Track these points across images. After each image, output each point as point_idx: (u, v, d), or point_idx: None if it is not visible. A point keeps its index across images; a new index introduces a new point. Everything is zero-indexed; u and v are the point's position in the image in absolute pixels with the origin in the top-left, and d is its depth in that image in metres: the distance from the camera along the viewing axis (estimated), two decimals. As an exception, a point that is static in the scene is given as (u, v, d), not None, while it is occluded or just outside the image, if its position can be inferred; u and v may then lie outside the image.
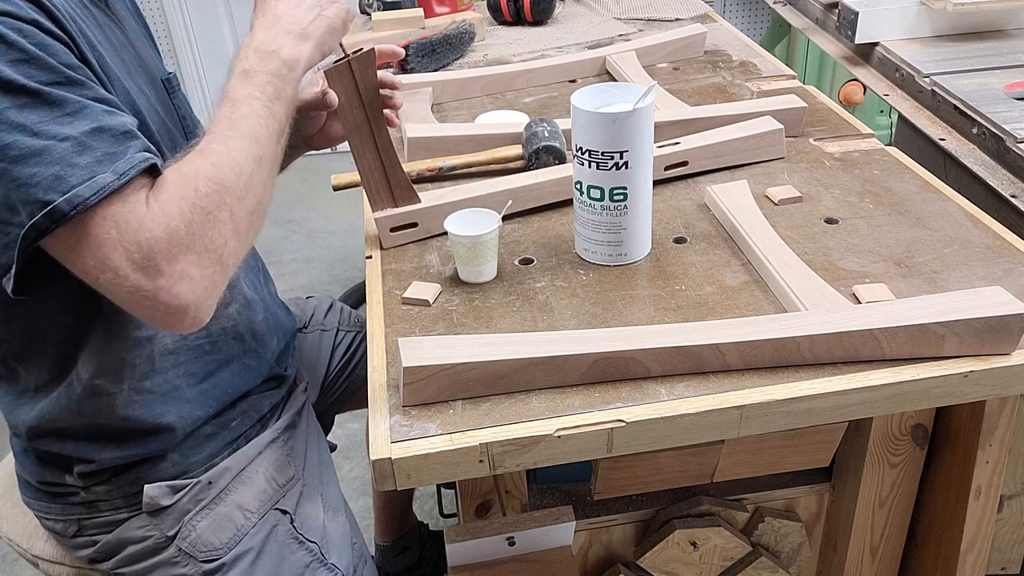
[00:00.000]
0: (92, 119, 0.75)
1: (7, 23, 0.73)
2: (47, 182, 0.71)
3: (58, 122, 0.73)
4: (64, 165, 0.72)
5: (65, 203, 0.71)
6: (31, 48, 0.73)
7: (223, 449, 1.02)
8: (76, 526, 1.01)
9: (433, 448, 0.79)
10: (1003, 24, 1.65)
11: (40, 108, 0.73)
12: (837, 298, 0.93)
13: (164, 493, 0.98)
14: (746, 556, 1.10)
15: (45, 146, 0.72)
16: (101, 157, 0.73)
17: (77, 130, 0.73)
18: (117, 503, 0.99)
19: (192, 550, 0.99)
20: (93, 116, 0.75)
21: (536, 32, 1.87)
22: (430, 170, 1.25)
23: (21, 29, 0.73)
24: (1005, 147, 1.28)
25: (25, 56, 0.73)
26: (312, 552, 1.06)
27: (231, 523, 1.01)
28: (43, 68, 0.74)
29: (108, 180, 0.73)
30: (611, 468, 1.02)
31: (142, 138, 0.78)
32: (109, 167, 0.73)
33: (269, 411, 1.08)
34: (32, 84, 0.73)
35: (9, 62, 0.72)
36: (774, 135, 1.24)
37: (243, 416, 1.04)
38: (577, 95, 0.99)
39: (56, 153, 0.72)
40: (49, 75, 0.74)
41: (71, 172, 0.72)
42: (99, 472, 0.97)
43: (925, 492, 1.11)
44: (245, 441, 1.04)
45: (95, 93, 0.77)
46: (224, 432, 1.02)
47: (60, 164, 0.72)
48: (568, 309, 0.97)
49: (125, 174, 0.74)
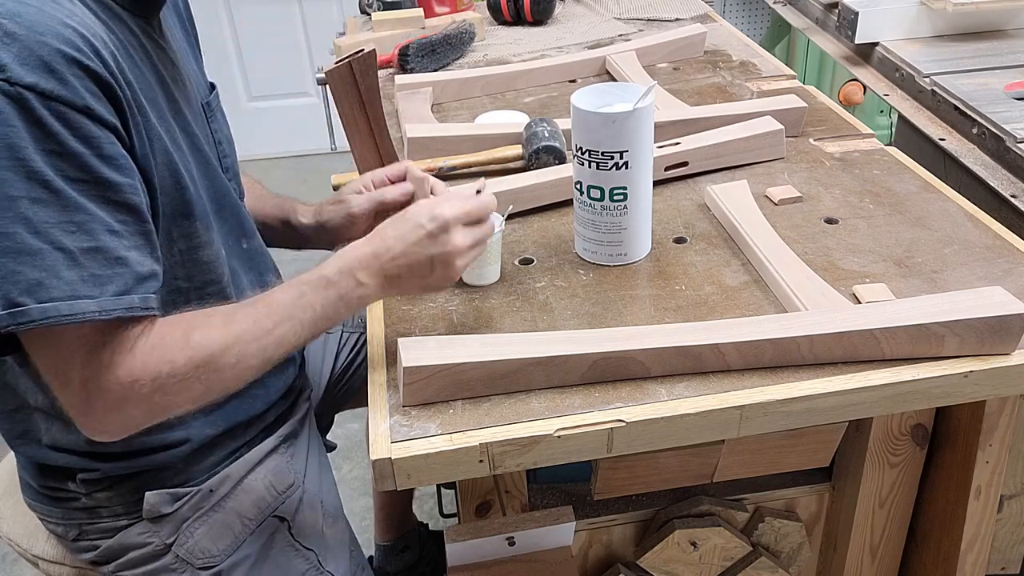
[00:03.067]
0: (94, 237, 0.73)
1: (55, 110, 0.71)
2: (27, 284, 0.71)
3: (62, 228, 0.72)
4: (50, 275, 0.71)
5: (38, 311, 0.71)
6: (71, 142, 0.72)
7: (226, 458, 1.02)
8: (77, 530, 1.01)
9: (433, 448, 0.79)
10: (1003, 24, 1.65)
11: (52, 208, 0.72)
12: (837, 298, 0.93)
13: (165, 501, 0.97)
14: (746, 556, 1.10)
15: (39, 249, 0.71)
16: (87, 277, 0.73)
17: (75, 244, 0.72)
18: (117, 510, 0.98)
19: (189, 557, 0.99)
20: (96, 234, 0.74)
21: (536, 32, 1.87)
22: (430, 170, 1.25)
23: (67, 119, 0.72)
24: (1005, 147, 1.28)
25: (61, 149, 0.71)
26: (309, 560, 1.06)
27: (229, 530, 1.00)
28: (75, 165, 0.72)
29: (89, 308, 0.72)
30: (611, 468, 1.02)
31: (132, 268, 0.76)
32: (95, 290, 0.73)
33: (274, 420, 1.08)
34: (57, 181, 0.71)
35: (44, 151, 0.71)
36: (774, 135, 1.24)
37: (248, 427, 1.04)
38: (577, 95, 0.99)
39: (47, 261, 0.71)
40: (78, 172, 0.73)
41: (54, 284, 0.71)
42: (102, 480, 0.96)
43: (925, 492, 1.11)
44: (248, 449, 1.04)
45: (118, 195, 0.76)
46: (229, 442, 1.02)
47: (47, 272, 0.71)
48: (568, 309, 0.97)
49: (108, 311, 0.73)
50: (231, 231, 0.99)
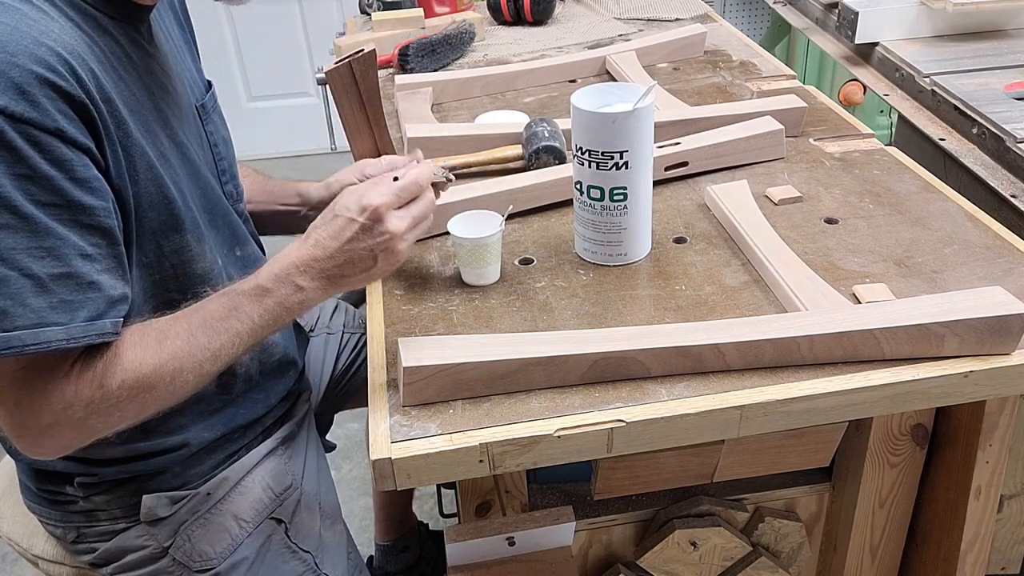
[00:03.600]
0: (65, 262, 0.72)
1: (26, 133, 0.70)
2: None
3: (30, 254, 0.71)
4: (16, 303, 0.70)
5: (1, 341, 0.70)
6: (42, 165, 0.70)
7: (224, 461, 1.02)
8: (76, 533, 1.01)
9: (433, 448, 0.79)
10: (1003, 24, 1.65)
11: (20, 234, 0.70)
12: (837, 298, 0.93)
13: (163, 504, 0.97)
14: (746, 556, 1.10)
15: (6, 276, 0.70)
16: (56, 304, 0.72)
17: (44, 270, 0.71)
18: (116, 513, 0.98)
19: (187, 560, 0.99)
20: (67, 259, 0.72)
21: (536, 32, 1.87)
22: (430, 170, 1.25)
23: (39, 141, 0.70)
24: (1005, 147, 1.28)
25: (32, 173, 0.70)
26: (306, 562, 1.06)
27: (226, 533, 1.00)
28: (46, 188, 0.71)
29: (56, 336, 0.71)
30: (611, 468, 1.02)
31: (104, 292, 0.75)
32: (62, 316, 0.72)
33: (273, 423, 1.08)
34: (26, 206, 0.70)
35: (14, 176, 0.70)
36: (774, 135, 1.24)
37: (246, 430, 1.04)
38: (577, 95, 0.99)
39: (13, 288, 0.70)
40: (49, 196, 0.71)
41: (19, 313, 0.70)
42: (99, 483, 0.96)
43: (925, 492, 1.11)
44: (246, 451, 1.04)
45: (91, 218, 0.74)
46: (227, 445, 1.02)
47: (13, 300, 0.70)
48: (568, 309, 0.97)
49: (75, 339, 0.72)
50: (224, 240, 0.98)
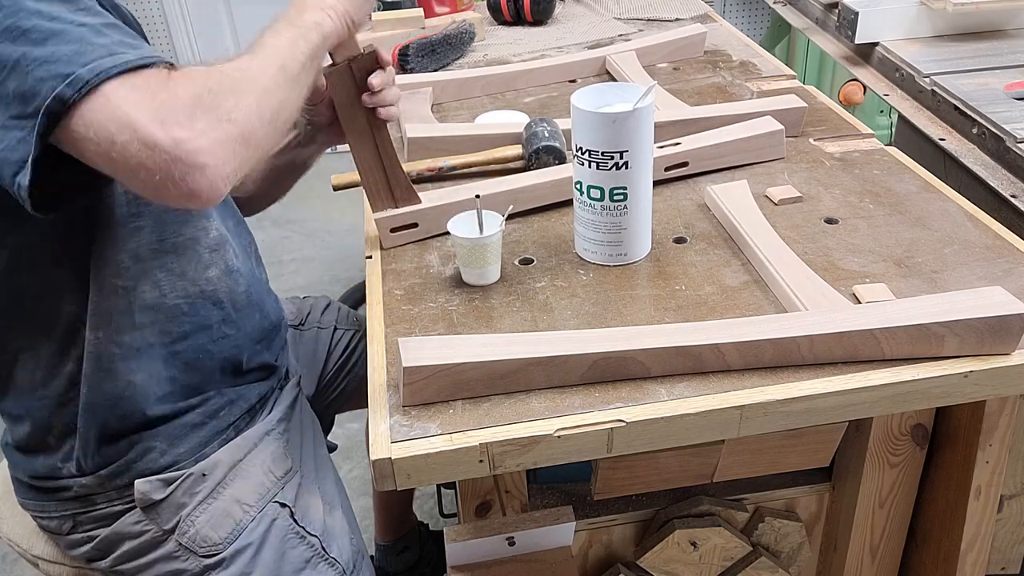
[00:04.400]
0: (104, 18, 0.78)
1: None
2: (68, 56, 0.72)
3: (75, 13, 0.76)
4: (84, 43, 0.74)
5: (87, 72, 0.71)
6: None
7: (212, 439, 1.02)
8: (71, 522, 1.00)
9: (433, 448, 0.79)
10: (1003, 24, 1.65)
11: (56, 2, 0.75)
12: (837, 298, 0.93)
13: (155, 487, 0.97)
14: (746, 556, 1.10)
15: (64, 28, 0.74)
16: (117, 41, 0.75)
17: (94, 21, 0.76)
18: (111, 495, 0.99)
19: (192, 545, 0.99)
20: (105, 16, 0.78)
21: (536, 32, 1.87)
22: (430, 170, 1.25)
23: None
24: (1005, 147, 1.28)
25: None
26: (313, 546, 1.06)
27: (230, 518, 1.01)
28: None
29: (130, 57, 0.74)
30: (611, 468, 1.02)
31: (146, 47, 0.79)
32: (127, 49, 0.75)
33: (258, 402, 1.07)
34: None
35: None
36: (774, 135, 1.24)
37: (231, 405, 1.03)
38: (577, 95, 0.99)
39: (75, 34, 0.74)
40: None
41: (91, 48, 0.73)
42: (87, 456, 0.96)
43: (925, 492, 1.11)
44: (235, 432, 1.03)
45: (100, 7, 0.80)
46: (212, 421, 1.01)
47: (80, 43, 0.73)
48: (568, 309, 0.97)
49: (146, 58, 0.75)
50: None
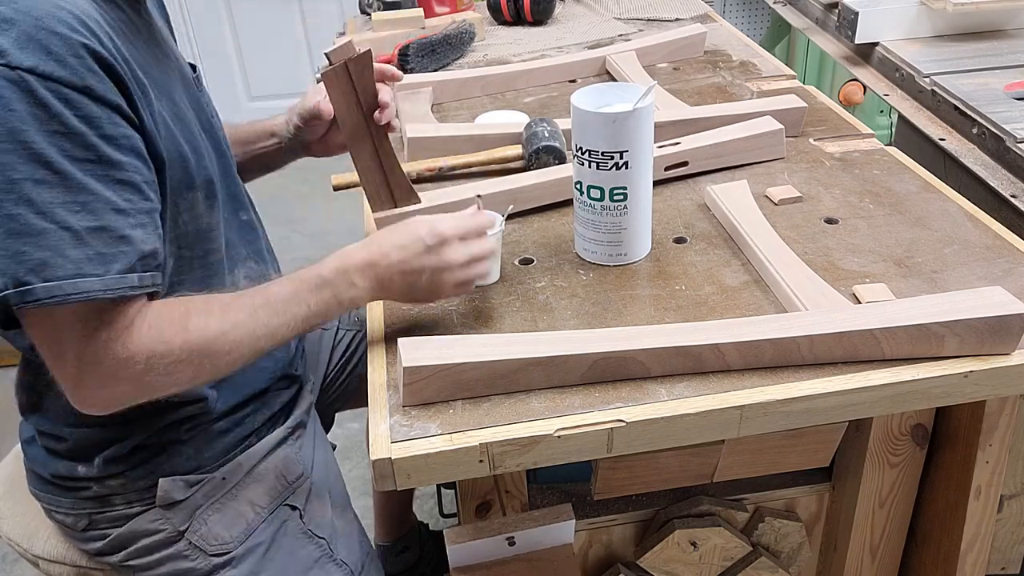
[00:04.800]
0: (98, 216, 0.75)
1: (55, 91, 0.72)
2: (32, 264, 0.72)
3: (67, 208, 0.73)
4: (55, 254, 0.73)
5: (43, 290, 0.72)
6: (73, 122, 0.73)
7: (236, 445, 1.03)
8: (87, 520, 1.01)
9: (433, 448, 0.79)
10: (1003, 24, 1.65)
11: (56, 189, 0.73)
12: (837, 298, 0.93)
13: (179, 487, 0.99)
14: (746, 556, 1.10)
15: (44, 230, 0.72)
16: (92, 256, 0.74)
17: (81, 223, 0.74)
18: (131, 497, 0.99)
19: (202, 543, 1.00)
20: (100, 213, 0.75)
21: (536, 32, 1.87)
22: (430, 170, 1.25)
23: (68, 99, 0.73)
24: (1005, 147, 1.28)
25: (64, 129, 0.73)
26: (321, 547, 1.07)
27: (242, 518, 1.02)
28: (78, 144, 0.74)
29: (94, 287, 0.74)
30: (611, 468, 1.02)
31: (135, 246, 0.77)
32: (99, 268, 0.74)
33: (280, 409, 1.09)
34: (61, 161, 0.73)
35: (47, 132, 0.72)
36: (774, 135, 1.24)
37: (255, 414, 1.05)
38: (577, 95, 0.99)
39: (52, 241, 0.73)
40: (82, 152, 0.74)
41: (59, 264, 0.73)
42: (119, 459, 0.97)
43: (925, 492, 1.11)
44: (257, 438, 1.05)
45: (122, 174, 0.77)
46: (237, 429, 1.03)
47: (52, 252, 0.73)
48: (568, 309, 0.97)
49: (112, 290, 0.75)
50: (227, 203, 1.01)
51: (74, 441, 0.97)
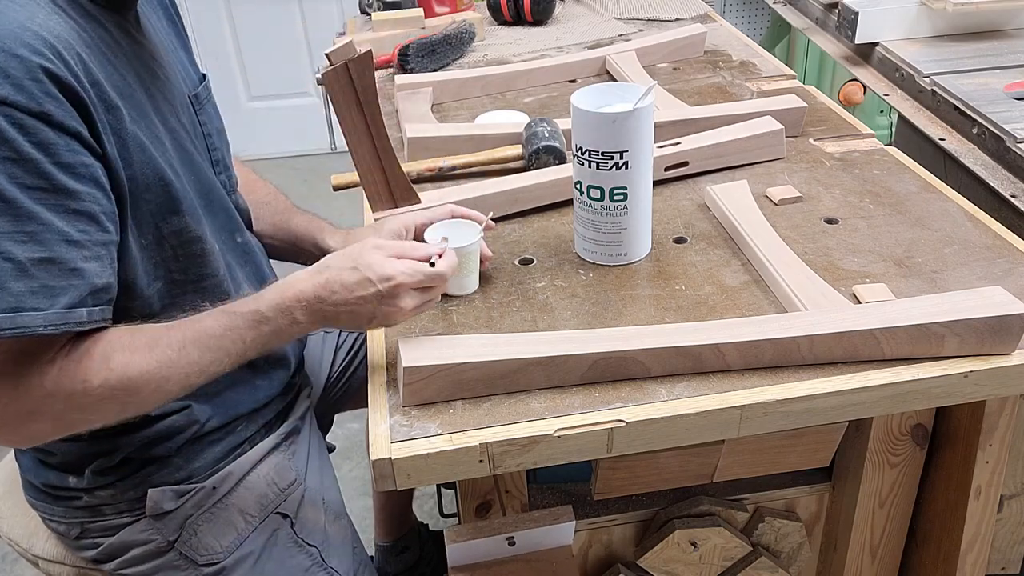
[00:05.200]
0: (47, 247, 0.72)
1: (9, 116, 0.69)
2: None
3: (12, 238, 0.70)
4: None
5: None
6: (26, 148, 0.70)
7: (228, 454, 1.02)
8: (79, 529, 1.01)
9: (433, 448, 0.79)
10: (1003, 24, 1.65)
11: (3, 217, 0.70)
12: (837, 298, 0.93)
13: (168, 497, 0.98)
14: (746, 556, 1.10)
15: None
16: (36, 289, 0.71)
17: (26, 254, 0.71)
18: (121, 507, 0.99)
19: (193, 554, 0.99)
20: (50, 244, 0.72)
21: (536, 32, 1.87)
22: (430, 170, 1.25)
23: (23, 125, 0.70)
24: (1005, 147, 1.28)
25: (16, 156, 0.70)
26: (312, 556, 1.06)
27: (232, 527, 1.01)
28: (30, 172, 0.71)
29: (34, 322, 0.71)
30: (611, 468, 1.02)
31: (88, 279, 0.75)
32: (42, 302, 0.71)
33: (275, 416, 1.08)
34: (9, 189, 0.70)
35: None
36: (774, 135, 1.24)
37: (248, 423, 1.04)
38: (577, 95, 0.99)
39: None
40: (34, 180, 0.71)
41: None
42: (108, 471, 0.96)
43: (925, 492, 1.11)
44: (250, 446, 1.04)
45: (77, 203, 0.74)
46: (229, 438, 1.02)
47: None
48: (568, 309, 0.97)
49: (54, 325, 0.72)
50: (223, 226, 0.99)
51: (62, 455, 0.97)
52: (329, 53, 0.98)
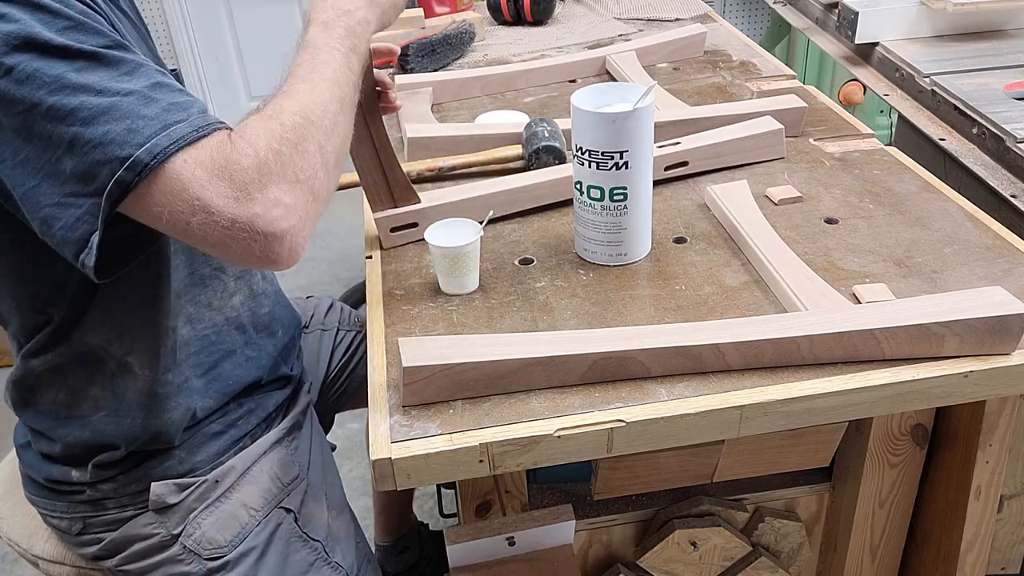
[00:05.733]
0: (149, 76, 0.75)
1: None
2: (122, 137, 0.71)
3: (118, 80, 0.74)
4: (135, 118, 0.72)
5: (145, 153, 0.71)
6: (77, 15, 0.74)
7: (229, 447, 1.02)
8: (81, 524, 1.01)
9: (433, 448, 0.79)
10: (1003, 24, 1.65)
11: (99, 69, 0.73)
12: (837, 298, 0.93)
13: (171, 491, 0.98)
14: (746, 556, 1.10)
15: (112, 103, 0.72)
16: (167, 107, 0.74)
17: (139, 84, 0.74)
18: (123, 501, 0.99)
19: (197, 548, 1.00)
20: (149, 73, 0.76)
21: (536, 32, 1.87)
22: (430, 170, 1.25)
23: (65, 1, 0.74)
24: (1005, 147, 1.28)
25: (73, 23, 0.74)
26: (316, 550, 1.07)
27: (235, 521, 1.01)
28: (93, 33, 0.75)
29: (185, 131, 0.73)
30: (611, 468, 1.02)
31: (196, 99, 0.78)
32: (180, 115, 0.74)
33: (275, 410, 1.08)
34: (87, 47, 0.73)
35: (60, 30, 0.73)
36: (774, 135, 1.24)
37: (249, 415, 1.04)
38: (577, 95, 0.99)
39: (124, 108, 0.72)
40: (100, 39, 0.75)
41: (143, 124, 0.72)
42: (110, 464, 0.97)
43: (925, 492, 1.11)
44: (251, 440, 1.04)
45: (142, 59, 0.77)
46: (231, 431, 1.03)
47: (131, 118, 0.72)
48: (568, 309, 0.97)
49: (201, 129, 0.74)
50: None
51: (64, 446, 0.97)
52: None
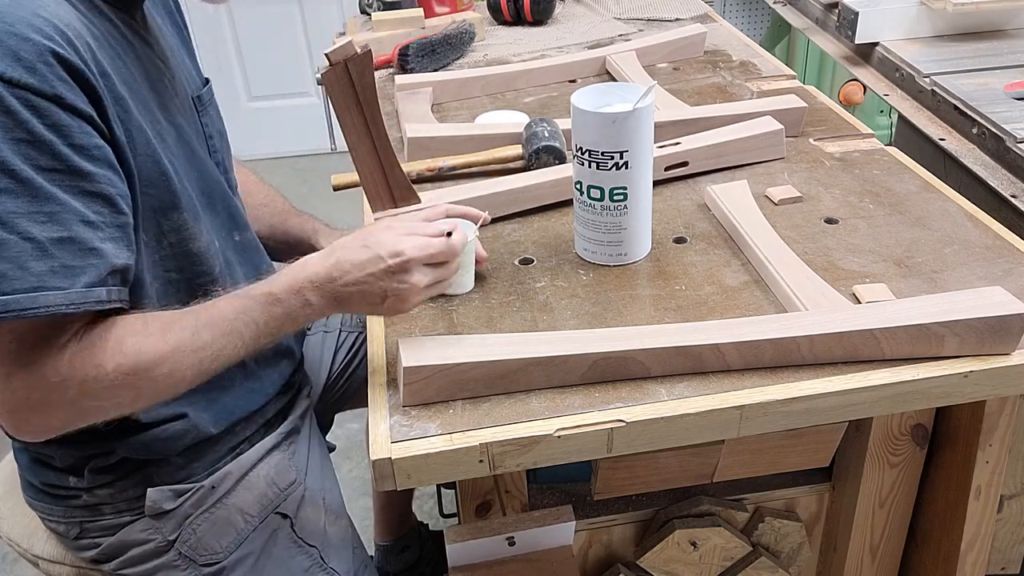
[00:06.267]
0: (66, 227, 0.72)
1: (23, 98, 0.70)
2: None
3: (31, 218, 0.70)
4: (16, 266, 0.70)
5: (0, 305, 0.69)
6: (39, 129, 0.71)
7: (227, 454, 1.02)
8: (78, 528, 1.01)
9: (433, 448, 0.79)
10: (1003, 24, 1.65)
11: (21, 198, 0.70)
12: (837, 298, 0.93)
13: (167, 497, 0.98)
14: (746, 556, 1.10)
15: (5, 239, 0.70)
16: (57, 268, 0.71)
17: (45, 234, 0.71)
18: (120, 506, 0.99)
19: (192, 554, 0.99)
20: (68, 224, 0.72)
21: (536, 32, 1.87)
22: (430, 170, 1.25)
23: (36, 106, 0.70)
24: (1005, 147, 1.28)
25: (30, 137, 0.70)
26: (312, 556, 1.06)
27: (231, 527, 1.01)
28: (44, 152, 0.71)
29: (56, 301, 0.71)
30: (611, 468, 1.02)
31: (106, 259, 0.75)
32: (63, 281, 0.71)
33: (274, 416, 1.08)
34: (25, 170, 0.70)
35: (12, 140, 0.70)
36: (774, 135, 1.24)
37: (247, 422, 1.04)
38: (577, 95, 0.99)
39: (14, 250, 0.70)
40: (49, 161, 0.71)
41: (19, 276, 0.70)
42: (107, 470, 0.96)
43: (925, 492, 1.11)
44: (249, 445, 1.04)
45: (92, 185, 0.74)
46: (228, 437, 1.02)
47: (12, 263, 0.70)
48: (568, 309, 0.97)
49: (75, 304, 0.72)
50: (223, 224, 1.00)
51: (60, 459, 0.97)
52: (329, 53, 0.98)
